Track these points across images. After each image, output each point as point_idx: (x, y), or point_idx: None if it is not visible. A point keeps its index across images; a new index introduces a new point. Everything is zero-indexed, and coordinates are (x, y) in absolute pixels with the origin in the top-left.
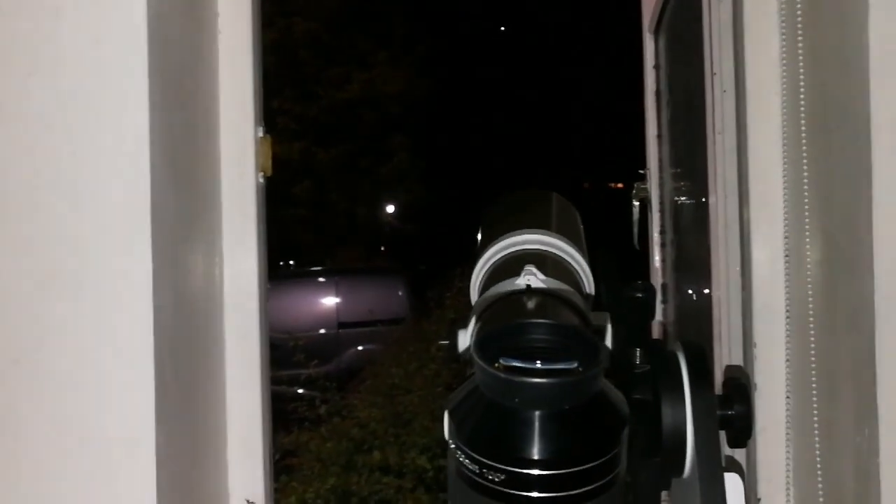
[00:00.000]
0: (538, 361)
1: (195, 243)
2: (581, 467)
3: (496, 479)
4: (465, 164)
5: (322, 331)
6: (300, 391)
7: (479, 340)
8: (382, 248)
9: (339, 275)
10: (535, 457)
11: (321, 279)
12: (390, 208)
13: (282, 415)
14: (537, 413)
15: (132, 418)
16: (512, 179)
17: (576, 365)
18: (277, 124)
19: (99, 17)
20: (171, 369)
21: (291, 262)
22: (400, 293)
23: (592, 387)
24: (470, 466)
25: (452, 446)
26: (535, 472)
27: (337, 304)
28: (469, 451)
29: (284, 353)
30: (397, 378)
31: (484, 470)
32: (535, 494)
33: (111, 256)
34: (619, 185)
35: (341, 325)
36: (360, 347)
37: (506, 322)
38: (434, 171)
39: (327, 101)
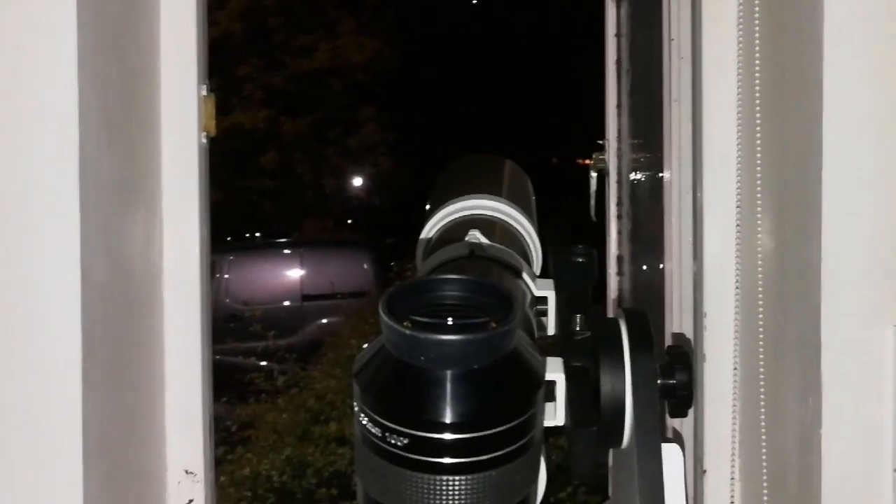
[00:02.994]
0: (449, 318)
1: (131, 204)
2: (490, 430)
3: (400, 444)
4: (433, 136)
5: (286, 303)
6: (263, 363)
7: (388, 296)
8: (349, 221)
9: (304, 247)
10: (441, 419)
11: (286, 251)
12: (358, 181)
13: (240, 386)
14: (444, 372)
15: (56, 385)
16: (480, 152)
17: (489, 322)
18: (243, 93)
19: None
20: (102, 335)
21: (258, 234)
22: (365, 266)
23: (505, 345)
24: (373, 430)
25: (356, 409)
26: (441, 435)
27: (301, 276)
28: (372, 414)
29: (246, 324)
30: (357, 349)
31: (387, 433)
32: (440, 460)
33: (35, 217)
34: (587, 162)
35: (305, 297)
36: (324, 320)
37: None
38: (402, 143)
39: (295, 69)
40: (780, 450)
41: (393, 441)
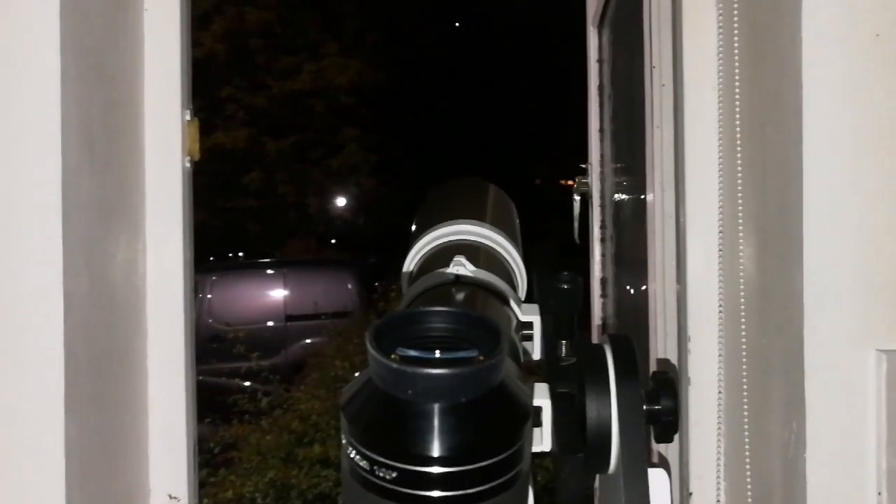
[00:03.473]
0: (437, 351)
1: (115, 228)
2: (477, 464)
3: (388, 477)
4: (416, 157)
5: (270, 323)
6: (246, 384)
7: (375, 329)
8: (333, 241)
9: (287, 267)
10: (429, 452)
11: (269, 271)
12: (341, 201)
13: (223, 407)
14: (431, 406)
15: (39, 410)
16: (463, 174)
17: (476, 354)
18: (226, 112)
19: None
20: (85, 359)
21: (241, 254)
22: (349, 286)
23: (492, 378)
24: (361, 463)
25: (344, 442)
26: (428, 468)
27: (285, 296)
28: (360, 447)
29: (229, 344)
30: (341, 370)
31: (375, 467)
32: (428, 493)
33: (17, 240)
34: (571, 182)
35: (289, 317)
36: (308, 340)
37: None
38: (385, 164)
39: (278, 90)
40: (765, 473)
41: (381, 474)
